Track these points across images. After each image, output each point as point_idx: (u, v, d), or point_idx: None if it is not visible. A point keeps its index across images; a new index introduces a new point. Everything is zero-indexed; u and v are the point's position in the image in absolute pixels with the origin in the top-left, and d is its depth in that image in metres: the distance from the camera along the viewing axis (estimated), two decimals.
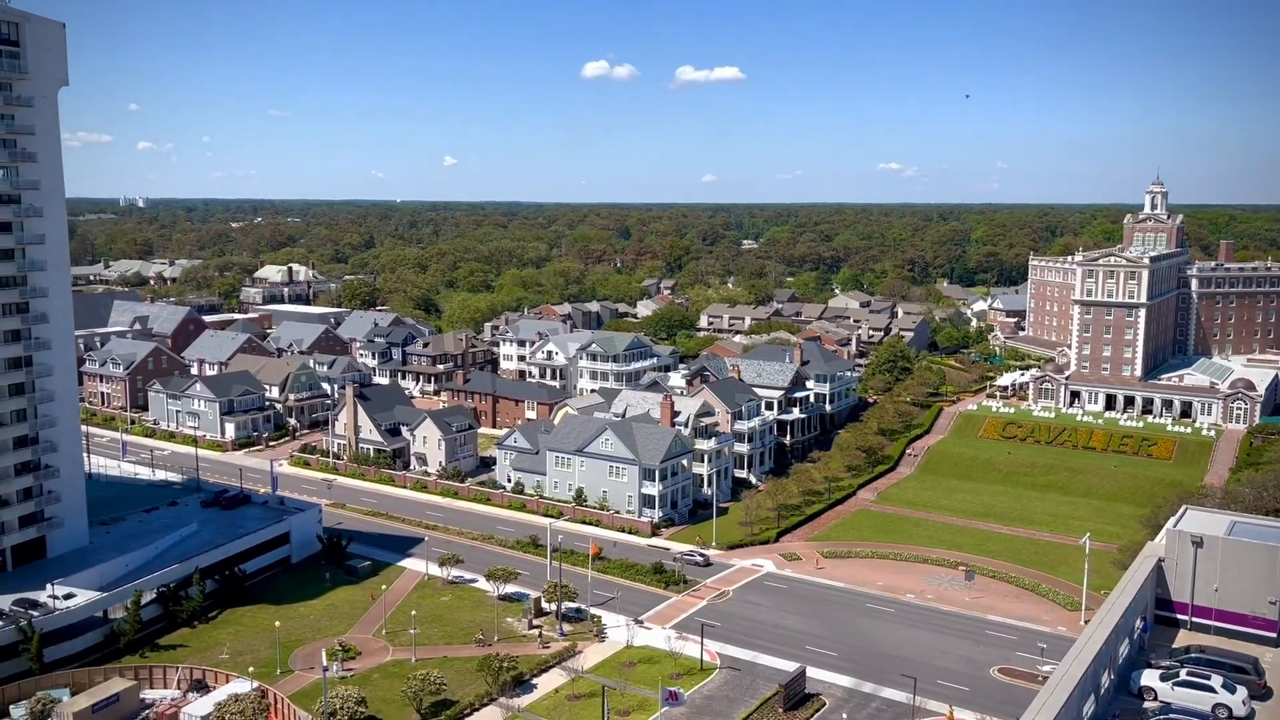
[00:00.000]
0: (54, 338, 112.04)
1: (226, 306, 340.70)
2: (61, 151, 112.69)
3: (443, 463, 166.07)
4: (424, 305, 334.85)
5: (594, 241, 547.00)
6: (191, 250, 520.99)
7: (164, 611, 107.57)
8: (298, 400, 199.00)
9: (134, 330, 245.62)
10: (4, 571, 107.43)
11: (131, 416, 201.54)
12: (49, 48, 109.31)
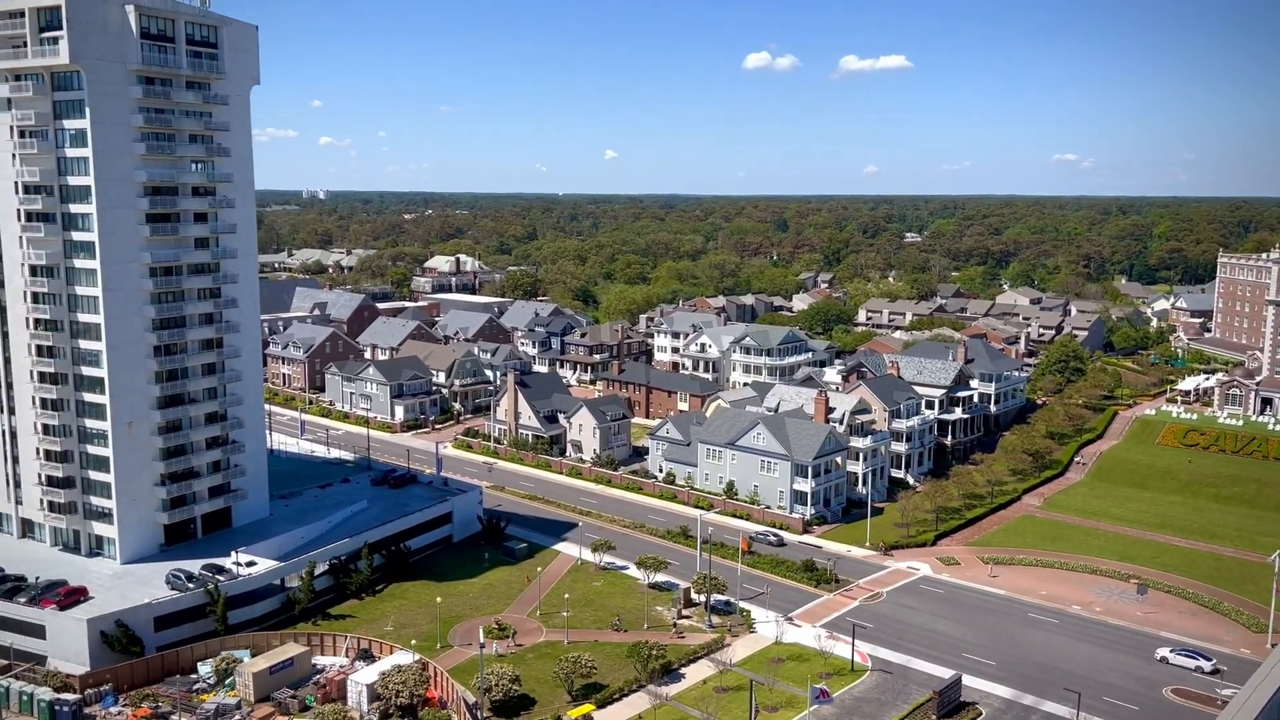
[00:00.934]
0: (242, 321, 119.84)
1: (398, 294, 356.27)
2: (252, 146, 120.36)
3: (597, 450, 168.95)
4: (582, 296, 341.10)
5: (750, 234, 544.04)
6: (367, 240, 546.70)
7: (335, 583, 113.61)
8: (462, 385, 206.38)
9: (313, 315, 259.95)
10: (195, 539, 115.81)
11: (310, 397, 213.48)
12: (243, 49, 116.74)
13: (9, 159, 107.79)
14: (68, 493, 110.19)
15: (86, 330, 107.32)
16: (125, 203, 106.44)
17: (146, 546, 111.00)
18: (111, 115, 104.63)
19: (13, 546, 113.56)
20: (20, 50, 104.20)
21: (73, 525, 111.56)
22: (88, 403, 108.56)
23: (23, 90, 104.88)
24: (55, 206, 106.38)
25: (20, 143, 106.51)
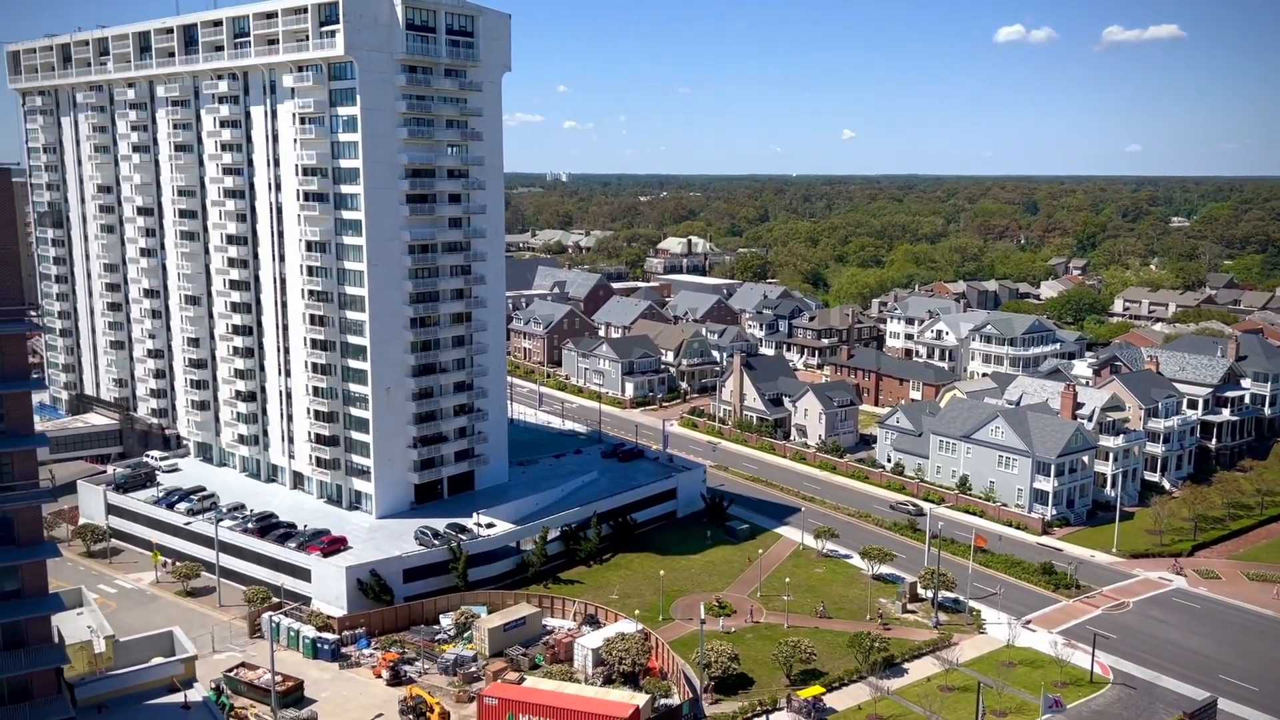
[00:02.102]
0: (489, 297, 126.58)
1: (632, 275, 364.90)
2: (502, 131, 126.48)
3: (822, 436, 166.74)
4: (812, 279, 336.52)
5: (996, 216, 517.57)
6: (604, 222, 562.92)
7: (565, 549, 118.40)
8: (690, 365, 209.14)
9: (553, 293, 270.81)
10: (441, 499, 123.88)
11: (547, 371, 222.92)
12: (497, 37, 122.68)
13: (291, 144, 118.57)
14: (333, 450, 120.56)
15: (352, 302, 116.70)
16: (389, 184, 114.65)
17: (398, 504, 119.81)
18: (378, 102, 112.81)
19: (285, 496, 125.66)
20: (303, 43, 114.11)
21: (336, 480, 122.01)
22: (352, 369, 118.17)
23: (304, 80, 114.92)
24: (328, 187, 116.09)
25: (300, 129, 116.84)
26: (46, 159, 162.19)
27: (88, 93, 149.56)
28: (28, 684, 65.50)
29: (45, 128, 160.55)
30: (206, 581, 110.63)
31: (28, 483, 64.14)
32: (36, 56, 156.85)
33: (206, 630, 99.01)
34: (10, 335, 62.66)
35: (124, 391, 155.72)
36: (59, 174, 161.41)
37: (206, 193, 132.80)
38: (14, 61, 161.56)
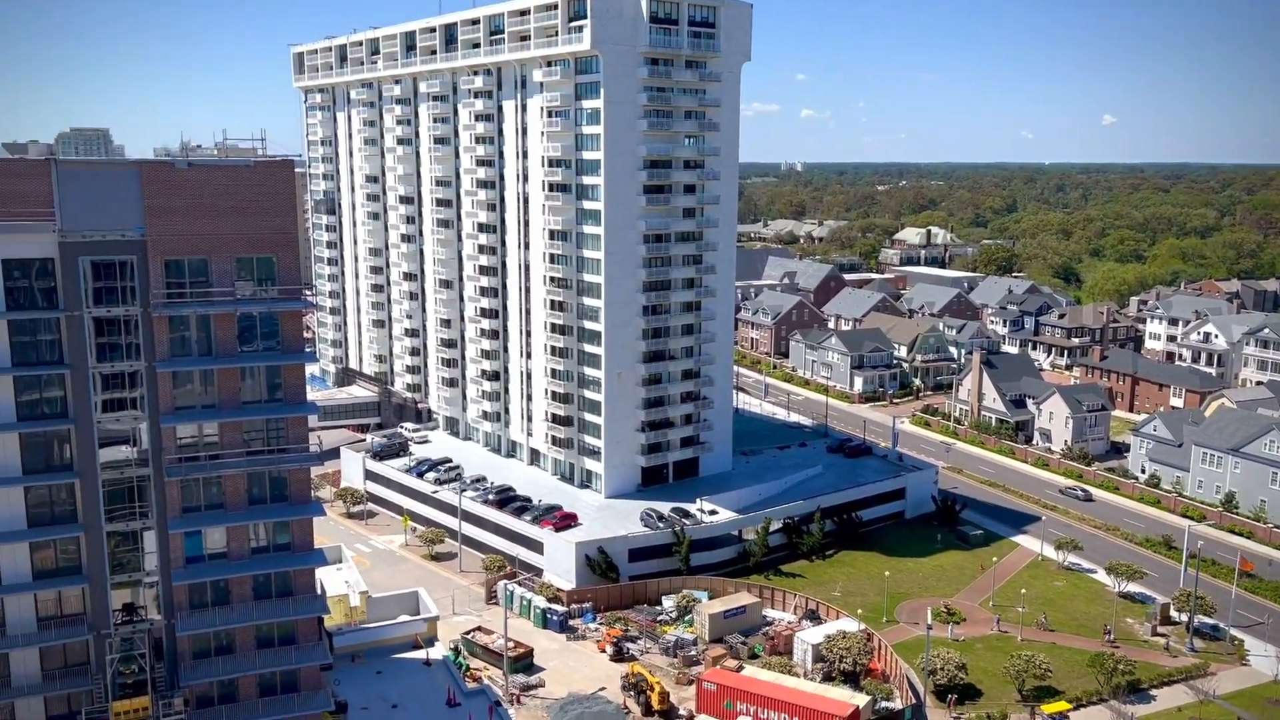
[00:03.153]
0: (719, 287, 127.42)
1: (865, 266, 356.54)
2: (739, 121, 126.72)
3: (1068, 442, 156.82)
4: (1063, 274, 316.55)
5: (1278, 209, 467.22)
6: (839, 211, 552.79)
7: (786, 542, 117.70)
8: (924, 361, 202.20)
9: (783, 284, 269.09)
10: (666, 483, 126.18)
11: (774, 362, 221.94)
12: (738, 28, 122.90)
13: (538, 137, 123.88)
14: (567, 430, 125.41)
15: (590, 289, 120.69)
16: (627, 175, 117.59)
17: (626, 485, 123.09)
18: (621, 95, 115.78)
19: (523, 471, 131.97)
20: (552, 39, 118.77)
21: (569, 459, 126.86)
22: (587, 353, 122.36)
23: (552, 75, 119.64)
24: (571, 178, 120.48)
25: (547, 122, 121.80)
26: (323, 151, 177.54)
27: (359, 89, 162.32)
28: (294, 630, 72.30)
29: (323, 122, 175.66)
30: (449, 547, 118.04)
31: (300, 447, 70.72)
32: (317, 57, 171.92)
33: (448, 593, 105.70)
34: (290, 312, 69.17)
35: (383, 367, 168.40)
36: (333, 165, 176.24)
37: (461, 183, 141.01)
38: (298, 62, 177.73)
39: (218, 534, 69.15)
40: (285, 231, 68.12)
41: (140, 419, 66.04)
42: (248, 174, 66.95)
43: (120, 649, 66.69)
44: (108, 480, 65.86)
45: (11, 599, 65.22)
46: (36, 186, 62.60)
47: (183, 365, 66.15)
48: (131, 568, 67.67)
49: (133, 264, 64.25)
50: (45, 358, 63.95)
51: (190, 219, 65.00)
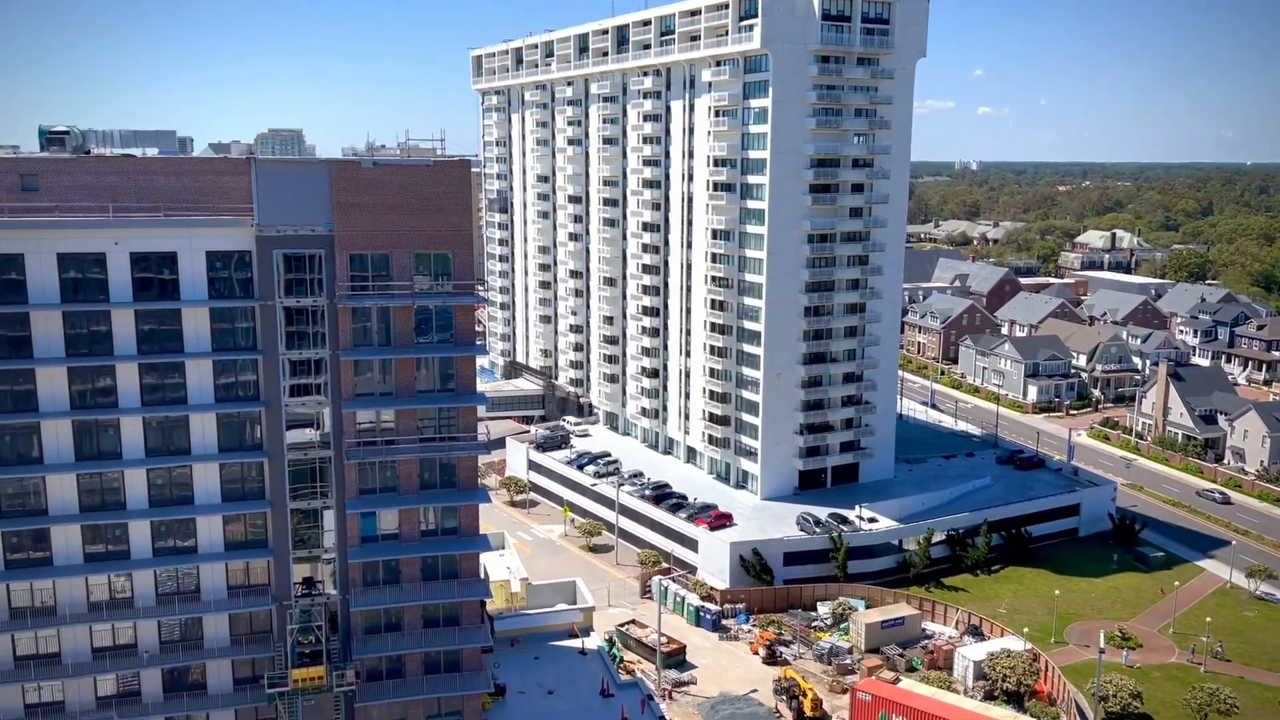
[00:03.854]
0: (885, 289, 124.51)
1: (1043, 270, 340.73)
2: (911, 119, 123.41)
3: (1264, 463, 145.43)
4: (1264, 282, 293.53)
5: None
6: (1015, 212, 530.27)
7: (950, 554, 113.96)
8: (1104, 371, 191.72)
9: (953, 287, 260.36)
10: (824, 488, 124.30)
11: (941, 367, 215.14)
12: (913, 23, 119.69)
13: (705, 136, 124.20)
14: (724, 430, 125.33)
15: (751, 288, 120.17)
16: (793, 174, 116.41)
17: (782, 488, 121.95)
18: (789, 93, 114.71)
19: (679, 469, 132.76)
20: (722, 39, 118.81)
21: (725, 458, 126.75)
22: (746, 353, 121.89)
23: (721, 74, 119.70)
24: (736, 178, 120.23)
25: (714, 121, 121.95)
26: (498, 151, 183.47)
27: (533, 91, 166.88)
28: (458, 611, 75.12)
29: (498, 124, 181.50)
30: (607, 540, 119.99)
31: (469, 435, 73.43)
32: (495, 60, 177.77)
33: (604, 585, 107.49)
34: (463, 306, 71.90)
35: (548, 361, 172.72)
36: (507, 165, 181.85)
37: (627, 182, 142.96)
38: (477, 65, 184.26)
39: (391, 516, 72.58)
40: (461, 229, 70.79)
41: (324, 404, 70.04)
42: (427, 173, 69.92)
43: (299, 620, 70.94)
44: (293, 461, 70.15)
45: (206, 567, 70.39)
46: (238, 183, 67.30)
47: (364, 354, 69.75)
48: (312, 544, 71.88)
49: (321, 257, 68.17)
50: (241, 344, 68.66)
51: (374, 216, 68.43)
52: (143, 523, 68.61)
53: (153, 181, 66.65)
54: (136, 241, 65.50)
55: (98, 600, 68.80)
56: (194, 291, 66.93)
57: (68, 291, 65.05)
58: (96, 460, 67.11)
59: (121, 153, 72.72)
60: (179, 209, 66.54)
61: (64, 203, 64.96)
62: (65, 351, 65.42)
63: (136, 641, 70.02)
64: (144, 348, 66.84)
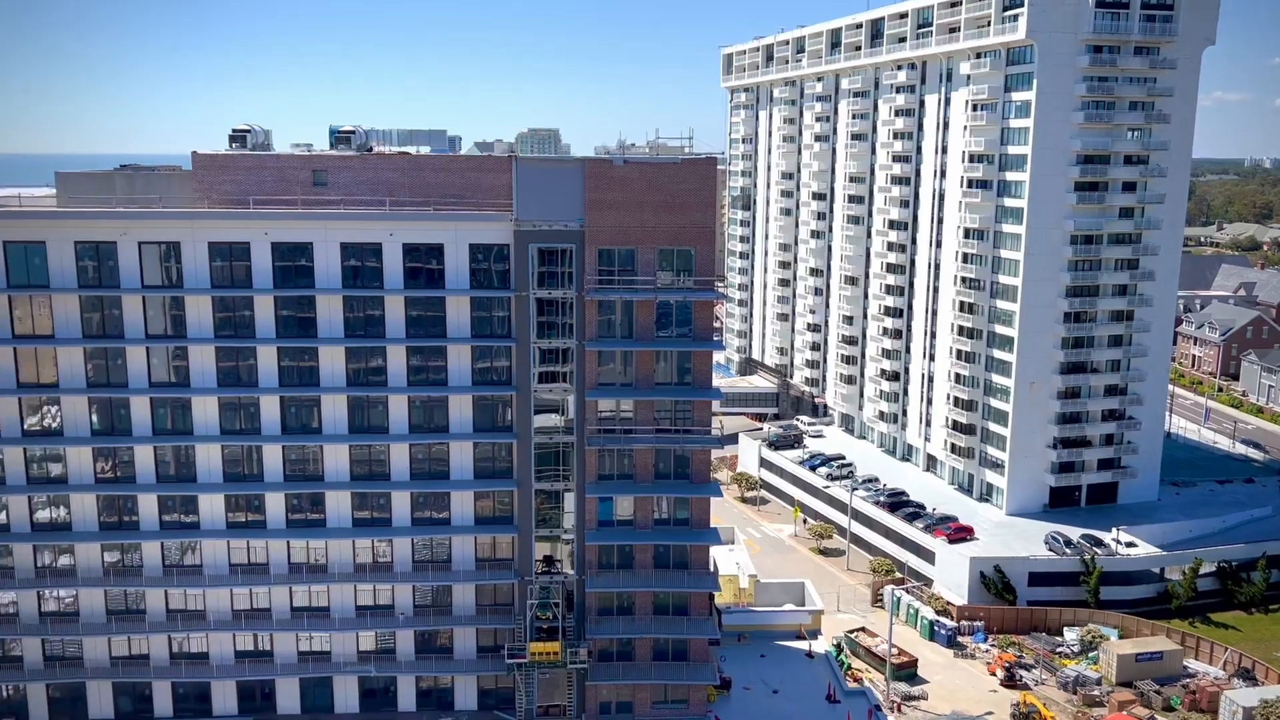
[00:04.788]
0: (1156, 296, 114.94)
1: None
2: (1194, 112, 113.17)
3: None
4: None
5: None
6: None
7: (1220, 588, 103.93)
8: None
9: (1236, 296, 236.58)
10: (1076, 506, 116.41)
11: (1219, 383, 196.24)
12: (1201, 8, 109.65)
13: (960, 131, 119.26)
14: (968, 439, 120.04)
15: (1004, 291, 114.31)
16: (1056, 171, 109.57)
17: (1030, 503, 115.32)
18: (1055, 85, 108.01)
19: (916, 477, 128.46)
20: (983, 30, 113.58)
21: (968, 469, 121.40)
22: (996, 359, 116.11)
23: (981, 66, 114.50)
24: (993, 174, 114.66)
25: (971, 116, 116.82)
26: (743, 149, 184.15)
27: (782, 88, 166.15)
28: (687, 602, 76.28)
29: (745, 121, 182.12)
30: (837, 544, 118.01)
31: (703, 429, 74.33)
32: (745, 57, 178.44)
33: (833, 589, 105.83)
34: (703, 302, 72.80)
35: (783, 359, 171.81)
36: (751, 162, 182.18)
37: (875, 179, 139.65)
38: (727, 63, 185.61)
39: (627, 502, 74.67)
40: (704, 226, 71.68)
41: (569, 391, 73.03)
42: (674, 170, 71.25)
43: (539, 596, 74.45)
44: (539, 444, 73.60)
45: (457, 539, 75.19)
46: (500, 180, 71.27)
47: (607, 345, 72.08)
48: (553, 524, 75.17)
49: (572, 252, 71.04)
50: (496, 332, 72.74)
51: (623, 212, 70.52)
52: (404, 493, 74.15)
53: (425, 177, 71.81)
54: (409, 233, 70.75)
55: (363, 562, 75.06)
56: (458, 281, 71.50)
57: (348, 278, 71.20)
58: (366, 433, 73.15)
59: (399, 150, 78.76)
60: (447, 204, 71.31)
61: (348, 196, 71.22)
62: (344, 333, 71.68)
63: (394, 603, 75.83)
64: (411, 332, 72.13)
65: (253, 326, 70.84)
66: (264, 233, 69.65)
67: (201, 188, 70.98)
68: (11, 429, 70.83)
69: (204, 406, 71.74)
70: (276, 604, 75.00)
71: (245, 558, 74.18)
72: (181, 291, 69.47)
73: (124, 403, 71.24)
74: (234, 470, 72.92)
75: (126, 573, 73.56)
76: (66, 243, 68.76)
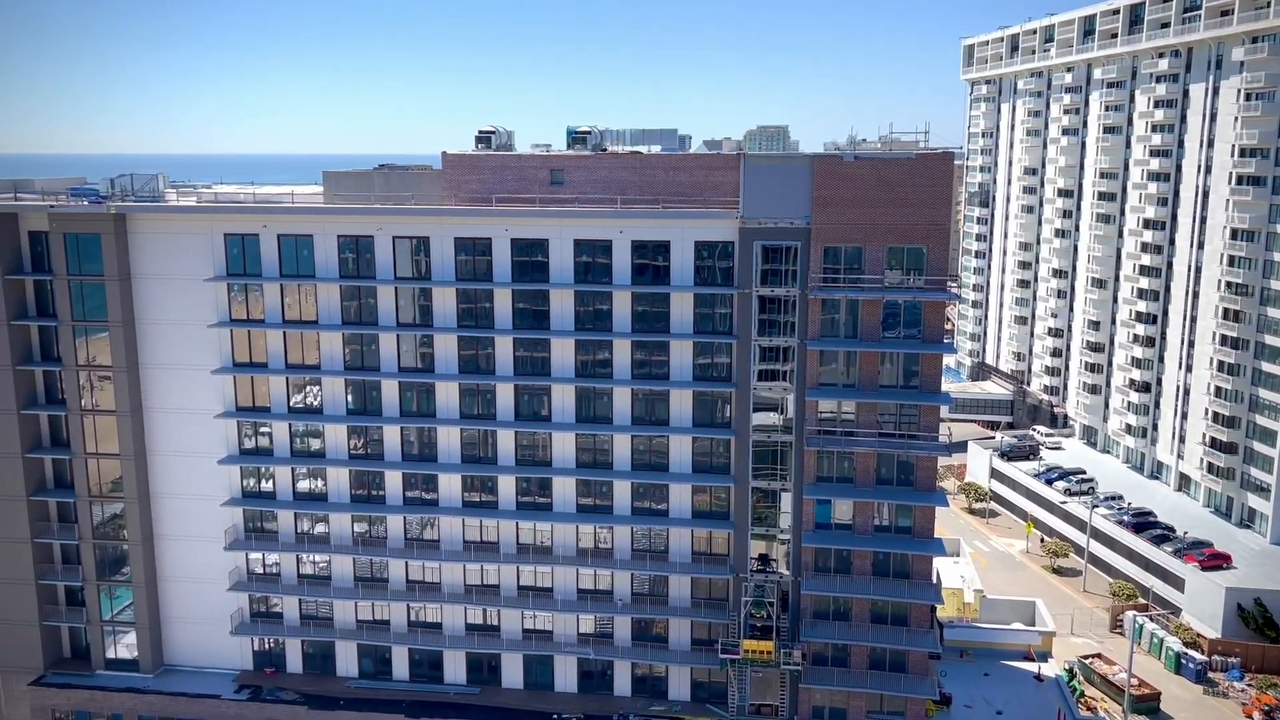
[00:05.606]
0: None
1: None
2: None
3: None
4: None
5: None
6: None
7: None
8: None
9: None
10: None
11: None
12: None
13: (1230, 123, 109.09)
14: (1228, 458, 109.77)
15: (1275, 298, 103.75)
16: None
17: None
18: None
19: (1166, 496, 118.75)
20: (1261, 11, 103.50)
21: (1227, 491, 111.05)
22: (1264, 372, 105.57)
23: (1256, 52, 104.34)
24: (1268, 170, 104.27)
25: (1244, 106, 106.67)
26: (983, 143, 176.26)
27: (1027, 79, 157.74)
28: (907, 612, 74.03)
29: (986, 114, 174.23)
30: (1073, 564, 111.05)
31: (929, 435, 71.77)
32: (988, 48, 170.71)
33: (1066, 611, 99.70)
34: (933, 302, 70.33)
35: (1020, 365, 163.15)
36: (991, 157, 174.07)
37: (1129, 175, 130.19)
38: (968, 54, 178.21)
39: (845, 506, 73.31)
40: (938, 223, 69.21)
41: (788, 390, 72.47)
42: (907, 166, 69.17)
43: (753, 594, 74.38)
44: (757, 441, 73.46)
45: (675, 531, 76.34)
46: (727, 178, 71.68)
47: (830, 345, 70.99)
48: (769, 523, 74.88)
49: (797, 249, 70.43)
50: (718, 328, 73.21)
51: (850, 209, 69.22)
52: (625, 483, 76.05)
53: (653, 176, 73.25)
54: (637, 231, 72.43)
55: (585, 547, 77.64)
56: (682, 278, 72.53)
57: (580, 273, 73.74)
58: (591, 423, 75.56)
59: (630, 149, 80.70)
60: (674, 202, 72.46)
61: (582, 195, 73.74)
62: (574, 326, 74.34)
63: (613, 589, 77.98)
64: (637, 327, 73.82)
65: (492, 318, 74.73)
66: (504, 229, 73.28)
67: (450, 186, 75.54)
68: (279, 405, 78.09)
69: (446, 391, 76.37)
70: (505, 581, 78.82)
71: (478, 536, 78.42)
72: (429, 283, 74.18)
73: (375, 385, 76.99)
74: (470, 453, 77.20)
75: (372, 543, 79.49)
76: (330, 236, 75.03)
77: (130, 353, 76.86)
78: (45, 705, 79.90)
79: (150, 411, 78.42)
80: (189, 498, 79.47)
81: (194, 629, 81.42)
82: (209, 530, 79.70)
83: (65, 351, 76.97)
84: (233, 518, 79.72)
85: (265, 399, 78.01)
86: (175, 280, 76.35)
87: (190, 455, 78.79)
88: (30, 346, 78.29)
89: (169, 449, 78.89)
